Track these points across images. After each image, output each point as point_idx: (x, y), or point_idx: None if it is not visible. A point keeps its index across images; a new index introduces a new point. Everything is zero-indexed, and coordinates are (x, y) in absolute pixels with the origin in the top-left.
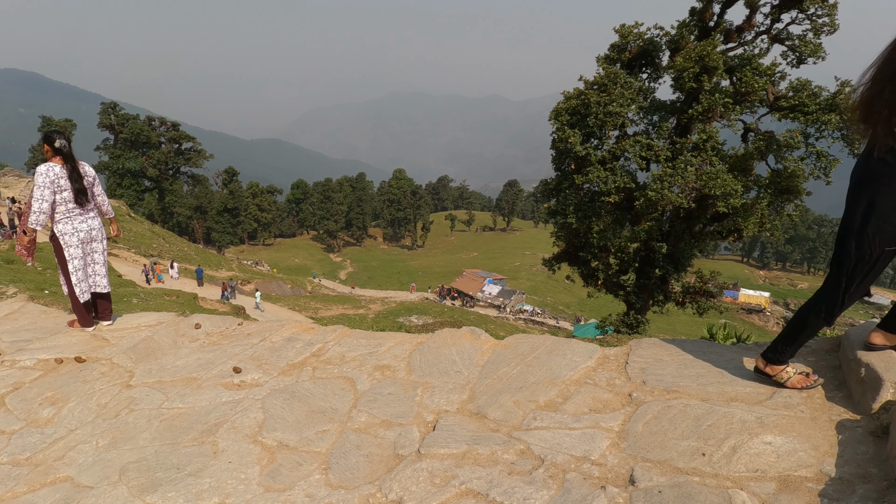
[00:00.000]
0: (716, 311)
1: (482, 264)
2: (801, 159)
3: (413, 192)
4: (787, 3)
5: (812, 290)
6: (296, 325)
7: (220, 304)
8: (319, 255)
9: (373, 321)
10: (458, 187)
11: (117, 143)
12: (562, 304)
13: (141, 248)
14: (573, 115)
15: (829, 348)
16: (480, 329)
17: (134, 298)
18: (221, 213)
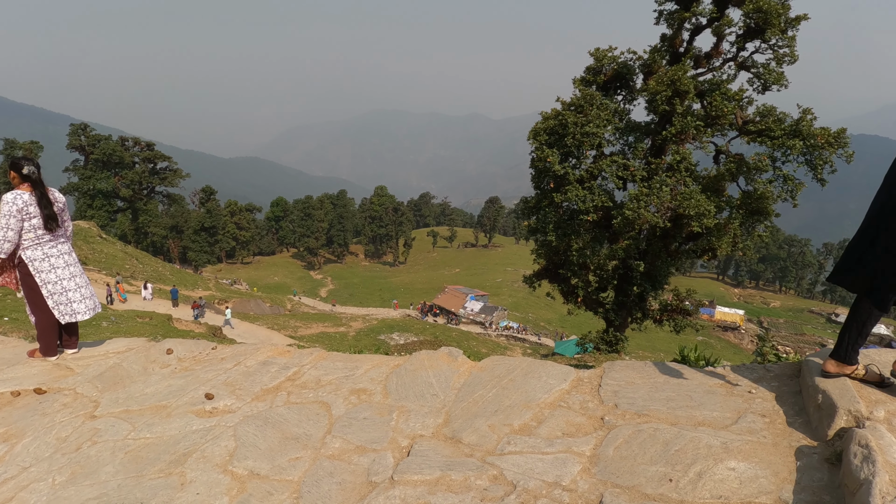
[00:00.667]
0: (692, 330)
1: (464, 280)
2: (770, 182)
3: (395, 208)
4: (751, 34)
5: (785, 308)
6: (271, 349)
7: (195, 325)
8: (300, 272)
9: (353, 339)
10: (440, 204)
11: (88, 164)
12: (543, 320)
13: (112, 269)
14: (551, 134)
15: (790, 373)
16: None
17: (104, 322)
18: (198, 233)
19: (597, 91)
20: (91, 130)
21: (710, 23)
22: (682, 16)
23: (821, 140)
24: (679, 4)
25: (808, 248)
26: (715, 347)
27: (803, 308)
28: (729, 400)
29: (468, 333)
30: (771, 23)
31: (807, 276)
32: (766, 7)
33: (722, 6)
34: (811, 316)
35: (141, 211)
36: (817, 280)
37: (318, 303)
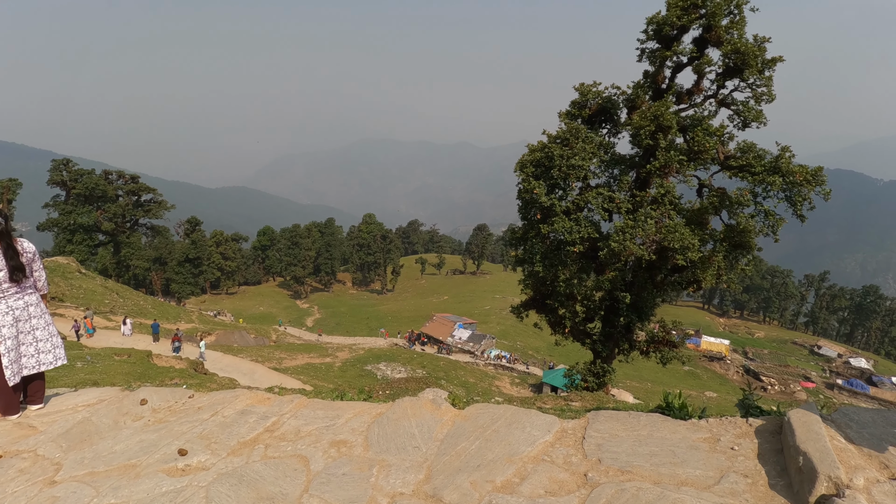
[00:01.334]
0: (678, 362)
1: (452, 308)
2: (752, 216)
3: (383, 236)
4: (730, 73)
5: (769, 339)
6: (251, 396)
7: (175, 360)
8: (286, 301)
9: (339, 370)
10: (429, 231)
11: (69, 199)
12: (531, 348)
13: (91, 305)
14: (538, 166)
15: (773, 429)
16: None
17: (79, 362)
18: (182, 264)
19: (582, 124)
20: (73, 165)
21: (691, 61)
22: (663, 54)
23: (799, 177)
24: (661, 43)
25: (790, 280)
26: (701, 378)
27: (787, 339)
28: (712, 457)
29: (456, 363)
30: (749, 63)
31: (790, 306)
32: (744, 49)
33: (702, 46)
34: (794, 347)
35: (123, 244)
36: (800, 311)
37: (304, 332)
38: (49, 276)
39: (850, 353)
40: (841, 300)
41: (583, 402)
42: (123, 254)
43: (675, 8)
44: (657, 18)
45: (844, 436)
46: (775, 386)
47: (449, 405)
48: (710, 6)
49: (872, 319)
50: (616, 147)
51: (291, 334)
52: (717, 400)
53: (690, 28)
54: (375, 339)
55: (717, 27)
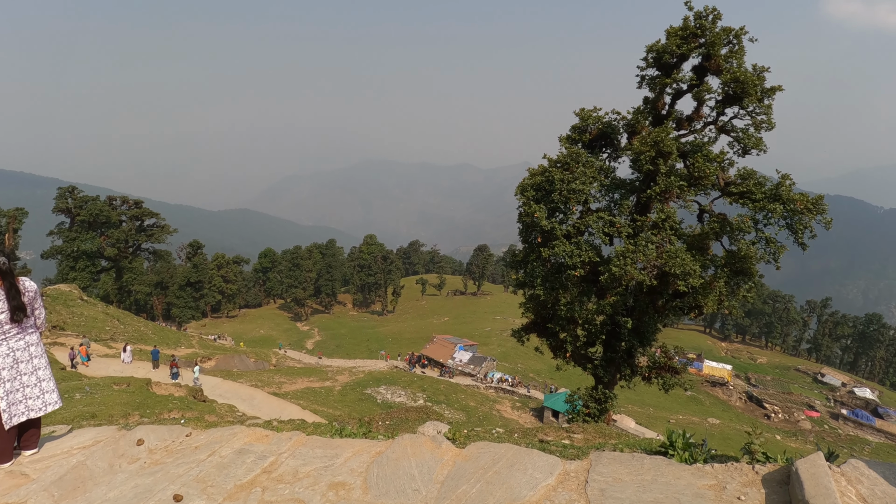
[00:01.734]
0: (681, 389)
1: (453, 329)
2: (753, 243)
3: (384, 256)
4: (730, 100)
5: (771, 365)
6: (248, 434)
7: (175, 388)
8: (286, 324)
9: (339, 394)
10: (429, 251)
11: (73, 225)
12: (532, 370)
13: (92, 332)
14: (538, 190)
15: (780, 479)
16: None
17: (77, 393)
18: (183, 288)
19: (582, 149)
20: (79, 192)
21: (691, 88)
22: (663, 81)
23: (800, 205)
24: (660, 71)
25: (792, 305)
26: (704, 403)
27: (790, 366)
28: None
29: (457, 386)
30: (748, 92)
31: (792, 332)
32: (743, 78)
33: (701, 74)
34: (798, 374)
35: (126, 269)
36: (802, 337)
37: (303, 356)
38: (51, 304)
39: (854, 382)
40: (844, 327)
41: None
42: (125, 279)
43: (675, 37)
44: (657, 47)
45: (856, 492)
46: (779, 414)
47: (449, 443)
48: (710, 36)
49: (876, 349)
50: (616, 171)
51: (291, 357)
52: (721, 427)
53: (690, 56)
54: (375, 361)
55: (717, 56)
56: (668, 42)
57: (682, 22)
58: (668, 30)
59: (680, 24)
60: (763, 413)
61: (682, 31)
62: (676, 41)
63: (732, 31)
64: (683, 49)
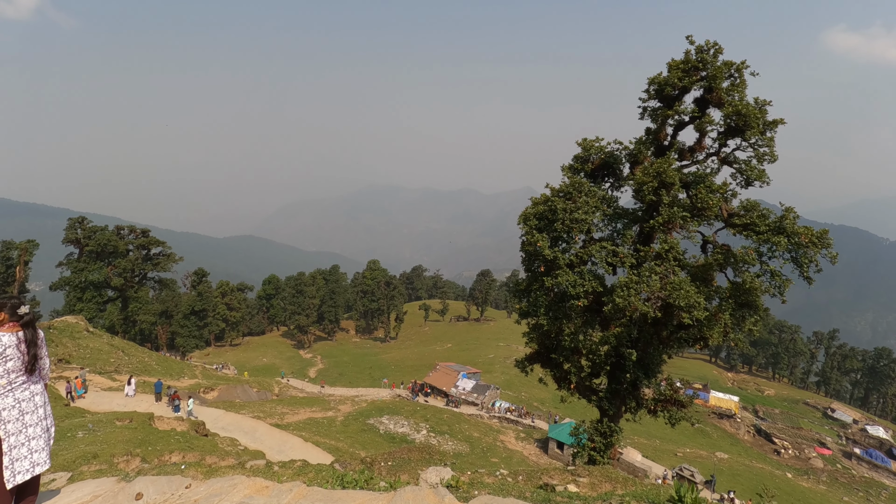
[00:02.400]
0: (688, 423)
1: (456, 356)
2: (758, 276)
3: (387, 282)
4: (732, 132)
5: (779, 397)
6: (248, 485)
7: (177, 422)
8: (289, 352)
9: (341, 425)
10: (432, 276)
11: (82, 256)
12: (536, 399)
13: (97, 364)
14: (541, 219)
15: None
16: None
17: (80, 431)
18: (188, 317)
19: (584, 178)
20: (88, 223)
21: (693, 120)
22: (665, 113)
23: (805, 239)
24: (662, 103)
25: (798, 336)
26: (711, 436)
27: (798, 399)
28: None
29: (460, 416)
30: (750, 124)
31: (799, 364)
32: (745, 111)
33: (703, 106)
34: (807, 409)
35: (131, 299)
36: (810, 370)
37: (306, 384)
38: (58, 336)
39: (866, 419)
40: (853, 361)
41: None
42: (131, 309)
43: (677, 70)
44: (659, 79)
45: None
46: (789, 450)
47: (452, 497)
48: (711, 69)
49: (888, 385)
50: (619, 200)
51: (294, 387)
52: (729, 462)
53: (692, 89)
54: (378, 390)
55: (718, 89)
56: (670, 75)
57: (684, 55)
58: (670, 63)
59: (682, 58)
60: (772, 448)
61: (683, 65)
62: (678, 74)
63: (734, 65)
64: (685, 82)
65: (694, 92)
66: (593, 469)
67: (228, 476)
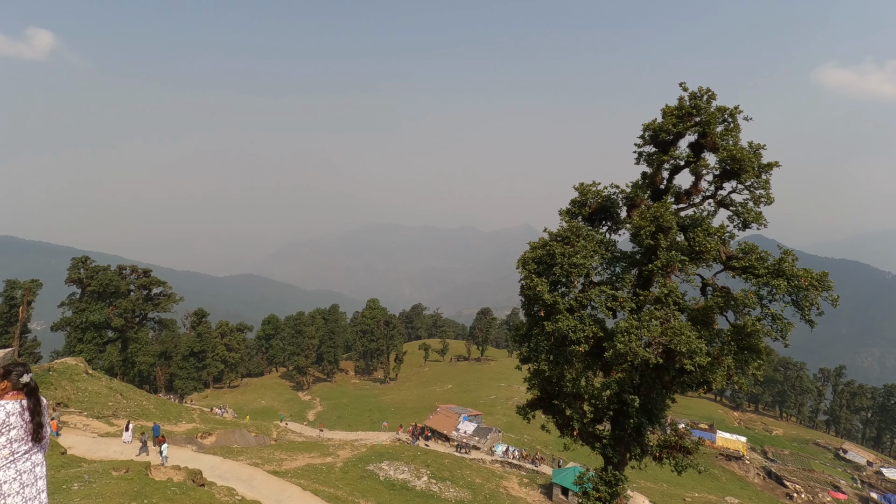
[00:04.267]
0: (694, 470)
1: (457, 398)
2: (759, 319)
3: (386, 321)
4: (727, 175)
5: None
6: None
7: (175, 473)
8: (288, 394)
9: (340, 471)
10: (432, 315)
11: (84, 296)
12: (539, 442)
13: (95, 408)
14: (539, 263)
15: None
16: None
17: (76, 483)
18: (187, 358)
19: (582, 222)
20: (91, 262)
21: (688, 164)
22: (660, 158)
23: (804, 282)
24: (657, 148)
25: (804, 373)
26: (720, 479)
27: (808, 439)
28: None
29: (462, 461)
30: (745, 168)
31: (807, 402)
32: (740, 155)
33: (698, 151)
34: (817, 449)
35: (131, 339)
36: (818, 408)
37: (305, 428)
38: (57, 379)
39: (881, 461)
40: (862, 399)
41: None
42: (130, 350)
43: (671, 116)
44: (653, 125)
45: None
46: (802, 494)
47: None
48: (705, 115)
49: None
50: (617, 243)
51: (293, 430)
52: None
53: (686, 134)
54: (378, 433)
55: (713, 134)
56: (665, 121)
57: (678, 101)
58: (664, 109)
59: (675, 104)
60: (784, 492)
61: (677, 111)
62: (672, 120)
63: (727, 110)
64: (679, 128)
65: (688, 137)
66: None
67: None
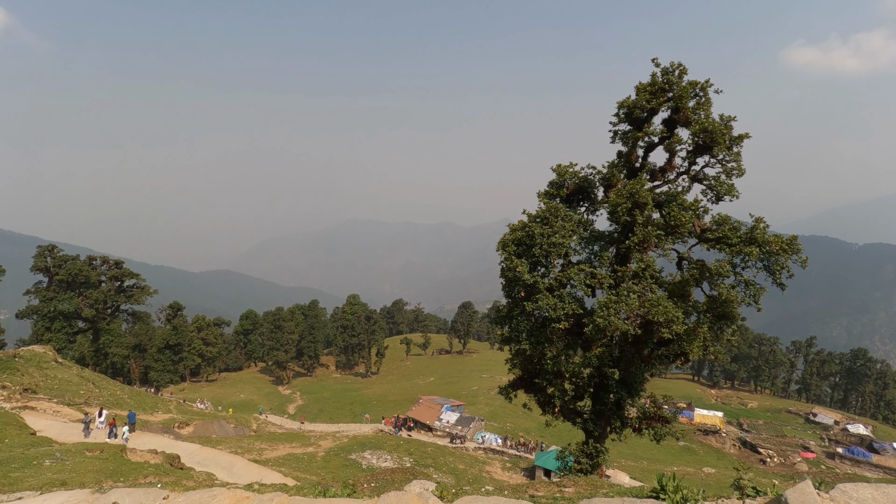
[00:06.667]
0: (672, 438)
1: (439, 390)
2: (732, 287)
3: (367, 316)
4: (700, 150)
5: (762, 409)
6: (228, 496)
7: (151, 455)
8: (267, 388)
9: (322, 460)
10: (413, 310)
11: (51, 285)
12: (522, 429)
13: (66, 396)
14: (519, 245)
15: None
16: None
17: (47, 460)
18: (162, 351)
19: (560, 203)
20: (58, 251)
21: (662, 141)
22: (635, 135)
23: (775, 247)
24: (632, 125)
25: (777, 347)
26: (697, 453)
27: (781, 408)
28: None
29: (444, 449)
30: (717, 141)
31: (780, 374)
32: (711, 128)
33: (671, 127)
34: (790, 416)
35: (103, 331)
36: (791, 378)
37: (285, 420)
38: (24, 366)
39: (846, 419)
40: (831, 365)
41: (576, 486)
42: (102, 341)
43: (644, 92)
44: (627, 102)
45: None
46: (774, 458)
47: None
48: (677, 90)
49: (865, 383)
50: (595, 224)
51: (273, 423)
52: (717, 476)
53: (660, 110)
54: (360, 425)
55: (685, 109)
56: (638, 97)
57: (651, 78)
58: (637, 86)
59: (648, 80)
60: (758, 458)
61: (650, 87)
62: (646, 96)
63: (698, 84)
64: (653, 103)
65: (662, 113)
66: (578, 478)
67: (207, 489)
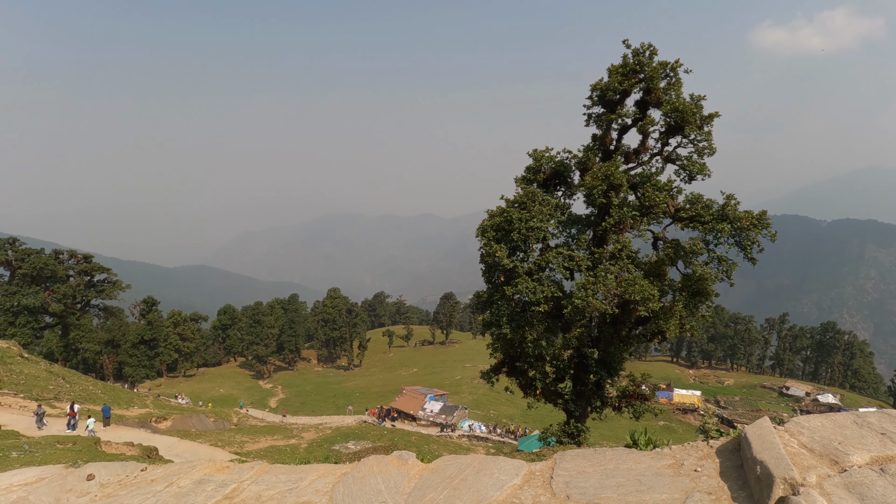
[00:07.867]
0: (651, 415)
1: (422, 380)
2: (706, 264)
3: (349, 310)
4: (672, 130)
5: (738, 385)
6: (208, 465)
7: (127, 448)
8: (248, 382)
9: (305, 451)
10: (395, 302)
11: (14, 279)
12: (505, 416)
13: (33, 391)
14: (498, 230)
15: (732, 447)
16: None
17: (14, 451)
18: (137, 346)
19: (538, 188)
20: (20, 244)
21: (635, 122)
22: (609, 117)
23: (746, 223)
24: (605, 108)
25: (752, 325)
26: (677, 431)
27: (756, 384)
28: (676, 480)
29: (428, 437)
30: (688, 120)
31: (755, 351)
32: (682, 107)
33: (644, 108)
34: (764, 391)
35: (73, 326)
36: (765, 355)
37: (267, 414)
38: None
39: (817, 390)
40: (802, 339)
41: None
42: (72, 336)
43: (616, 74)
44: (600, 85)
45: (797, 441)
46: None
47: (416, 460)
48: (648, 70)
49: (834, 355)
50: (572, 207)
51: (254, 416)
52: None
53: (632, 92)
54: (343, 417)
55: (656, 89)
56: (611, 80)
57: (622, 59)
58: (609, 68)
59: (620, 62)
60: (717, 430)
61: (622, 69)
62: (618, 78)
63: (668, 65)
64: (625, 85)
65: (634, 95)
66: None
67: (187, 462)
